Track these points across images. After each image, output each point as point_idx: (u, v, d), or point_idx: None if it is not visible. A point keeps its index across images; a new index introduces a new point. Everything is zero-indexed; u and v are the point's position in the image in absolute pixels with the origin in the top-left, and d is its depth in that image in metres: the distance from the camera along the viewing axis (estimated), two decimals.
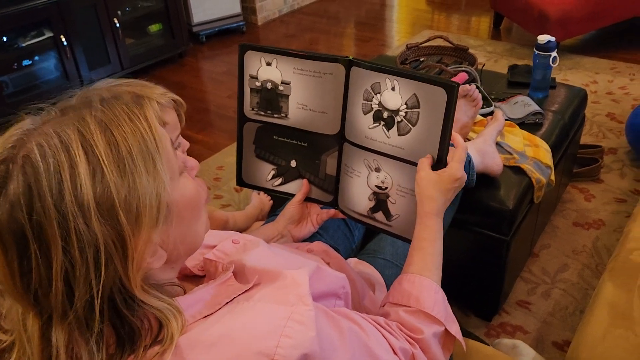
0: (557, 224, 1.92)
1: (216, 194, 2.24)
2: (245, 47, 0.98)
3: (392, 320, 0.78)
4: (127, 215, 0.53)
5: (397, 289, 0.82)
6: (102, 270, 0.52)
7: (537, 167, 1.50)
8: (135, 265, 0.54)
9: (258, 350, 0.56)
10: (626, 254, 1.23)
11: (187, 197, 0.62)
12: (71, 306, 0.53)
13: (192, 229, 0.64)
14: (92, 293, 0.53)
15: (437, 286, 0.82)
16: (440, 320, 0.78)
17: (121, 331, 0.56)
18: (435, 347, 0.77)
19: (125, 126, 0.55)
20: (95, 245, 0.52)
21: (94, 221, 0.52)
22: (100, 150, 0.53)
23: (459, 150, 0.89)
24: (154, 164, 0.56)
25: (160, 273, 0.62)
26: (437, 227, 0.86)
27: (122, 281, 0.54)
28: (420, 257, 0.84)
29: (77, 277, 0.52)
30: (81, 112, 0.56)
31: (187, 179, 0.63)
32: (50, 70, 2.88)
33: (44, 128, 0.54)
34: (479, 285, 1.57)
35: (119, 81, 0.62)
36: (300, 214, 1.07)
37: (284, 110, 1.00)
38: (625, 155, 2.24)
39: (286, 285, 0.63)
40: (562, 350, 1.49)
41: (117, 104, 0.57)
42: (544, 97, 1.79)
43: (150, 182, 0.55)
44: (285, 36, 3.83)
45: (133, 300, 0.56)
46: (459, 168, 0.87)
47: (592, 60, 3.05)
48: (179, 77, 3.30)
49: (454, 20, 3.94)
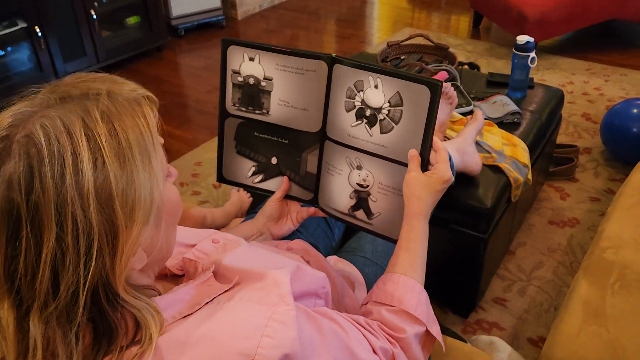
0: (533, 222, 1.95)
1: (194, 190, 2.21)
2: (228, 41, 0.97)
3: (374, 319, 0.78)
4: (123, 207, 0.53)
5: (381, 288, 0.82)
6: (92, 262, 0.52)
7: (515, 166, 1.51)
8: (123, 260, 0.54)
9: (239, 351, 0.56)
10: (600, 252, 1.25)
11: (172, 201, 0.63)
12: (55, 296, 0.52)
13: (169, 237, 0.64)
14: (78, 284, 0.52)
15: (421, 287, 0.82)
16: (422, 320, 0.78)
17: (99, 327, 0.55)
18: (416, 347, 0.77)
19: (126, 120, 0.56)
20: (90, 235, 0.51)
21: (92, 209, 0.51)
22: (102, 140, 0.53)
23: (441, 152, 0.89)
24: (150, 160, 0.56)
25: (138, 278, 0.62)
26: (424, 229, 0.87)
27: (107, 276, 0.54)
28: (405, 258, 0.84)
29: (65, 267, 0.51)
30: (84, 102, 0.55)
31: (171, 184, 0.63)
32: (24, 61, 2.81)
33: (47, 112, 0.54)
34: (457, 283, 1.58)
35: (89, 76, 0.61)
36: (279, 212, 1.06)
37: (265, 107, 0.99)
38: (599, 155, 2.29)
39: (267, 285, 0.63)
40: (537, 347, 1.52)
41: (119, 99, 0.57)
42: (522, 97, 1.82)
43: (145, 177, 0.55)
44: (265, 31, 3.81)
45: (115, 298, 0.55)
46: (447, 169, 0.87)
47: (569, 61, 3.10)
48: (157, 71, 3.25)
49: (434, 19, 3.97)
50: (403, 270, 0.82)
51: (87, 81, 0.60)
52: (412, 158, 0.88)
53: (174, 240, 0.67)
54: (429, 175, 0.87)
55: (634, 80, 2.87)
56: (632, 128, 2.08)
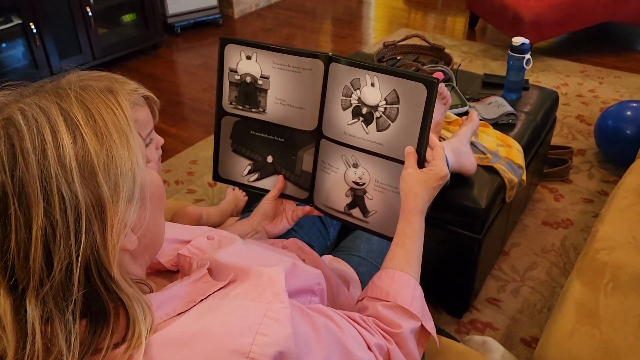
0: (527, 223, 1.96)
1: (189, 188, 2.21)
2: (225, 40, 0.97)
3: (370, 314, 0.79)
4: (107, 181, 0.54)
5: (376, 283, 0.82)
6: (82, 235, 0.52)
7: (510, 167, 1.52)
8: (113, 234, 0.55)
9: (233, 348, 0.55)
10: (593, 254, 1.26)
11: (155, 184, 0.63)
12: (49, 274, 0.52)
13: (157, 221, 0.65)
14: (71, 259, 0.52)
15: (416, 282, 0.82)
16: (418, 316, 0.78)
17: (94, 308, 0.55)
18: (411, 343, 0.77)
19: (100, 103, 0.57)
20: (77, 207, 0.52)
21: (76, 182, 0.52)
22: (78, 119, 0.55)
23: (438, 148, 0.90)
24: (127, 139, 0.57)
25: (129, 265, 0.62)
26: (420, 225, 0.87)
27: (99, 252, 0.54)
28: (401, 253, 0.84)
29: (57, 241, 0.52)
30: (58, 91, 0.57)
31: (153, 171, 0.64)
32: (18, 58, 2.80)
33: (23, 100, 0.55)
34: (451, 283, 1.59)
35: (91, 74, 0.62)
36: (275, 210, 1.06)
37: (262, 105, 0.99)
38: (593, 157, 2.30)
39: (262, 283, 0.63)
40: (530, 347, 1.52)
41: (92, 89, 0.59)
42: (517, 98, 1.82)
43: (125, 155, 0.56)
44: (261, 30, 3.80)
45: (109, 278, 0.55)
46: (443, 166, 0.88)
47: (564, 63, 3.12)
48: (153, 69, 3.24)
49: (430, 20, 3.98)
50: (399, 266, 0.83)
51: (89, 79, 0.61)
52: (408, 155, 0.89)
53: (163, 228, 0.67)
54: (425, 171, 0.88)
55: (627, 83, 2.89)
56: (626, 130, 2.09)
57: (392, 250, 0.86)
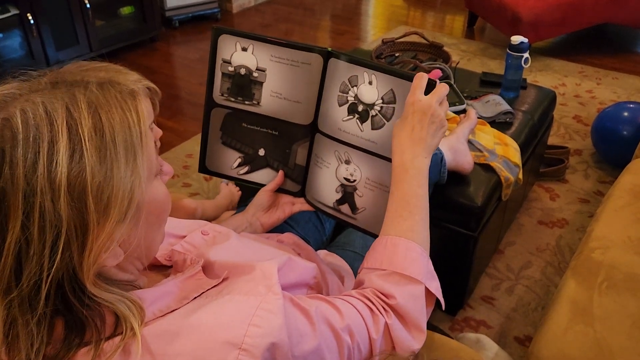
0: (523, 221, 1.96)
1: (185, 182, 2.20)
2: (219, 30, 0.96)
3: (366, 287, 0.76)
4: (97, 203, 0.51)
5: (370, 253, 0.79)
6: (58, 255, 0.50)
7: (506, 166, 1.52)
8: (92, 257, 0.52)
9: (225, 340, 0.55)
10: (588, 253, 1.26)
11: (157, 201, 0.60)
12: (17, 284, 0.50)
13: (152, 236, 0.62)
14: (41, 275, 0.50)
15: (412, 243, 0.77)
16: (417, 278, 0.75)
17: (69, 320, 0.54)
18: (413, 310, 0.73)
19: (115, 114, 0.53)
20: (57, 227, 0.50)
21: (62, 202, 0.49)
22: (84, 131, 0.51)
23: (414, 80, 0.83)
24: (135, 157, 0.54)
25: (113, 274, 0.60)
26: (413, 180, 0.79)
27: (74, 270, 0.52)
28: (393, 216, 0.80)
29: (29, 256, 0.50)
30: (73, 89, 0.53)
31: (161, 184, 0.61)
32: (15, 48, 2.78)
33: (32, 96, 0.52)
34: (445, 280, 1.57)
35: (92, 64, 0.60)
36: (270, 202, 1.05)
37: (256, 98, 0.99)
38: (590, 157, 2.30)
39: (255, 278, 0.63)
40: (523, 345, 1.53)
41: (112, 90, 0.55)
42: (514, 97, 1.82)
43: (127, 174, 0.53)
44: (260, 25, 3.79)
45: (83, 292, 0.53)
46: (419, 95, 0.81)
47: (562, 63, 3.12)
48: (150, 62, 3.23)
49: (429, 18, 3.97)
50: (391, 231, 0.79)
51: (89, 69, 0.58)
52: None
53: (157, 241, 0.65)
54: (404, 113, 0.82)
55: (625, 84, 2.89)
56: (623, 131, 2.10)
57: (386, 214, 0.82)
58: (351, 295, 0.73)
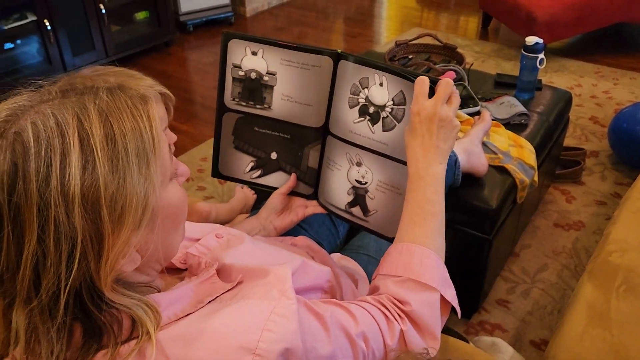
0: (538, 224, 1.94)
1: (199, 186, 2.22)
2: (229, 35, 0.96)
3: (381, 293, 0.76)
4: (111, 213, 0.51)
5: (385, 259, 0.79)
6: (74, 265, 0.51)
7: (521, 168, 1.51)
8: (108, 264, 0.53)
9: (239, 345, 0.55)
10: (605, 256, 1.25)
11: (173, 205, 0.60)
12: (36, 294, 0.51)
13: (170, 239, 0.63)
14: (59, 286, 0.51)
15: (428, 250, 0.77)
16: (432, 285, 0.74)
17: (87, 326, 0.54)
18: (428, 316, 0.73)
19: (126, 121, 0.53)
20: (72, 239, 0.50)
21: (76, 213, 0.50)
22: (96, 141, 0.51)
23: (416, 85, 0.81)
24: (148, 164, 0.54)
25: (131, 277, 0.60)
26: (427, 188, 0.78)
27: (92, 278, 0.52)
28: (409, 224, 0.79)
29: (47, 268, 0.50)
30: (83, 97, 0.53)
31: (176, 186, 0.62)
32: (33, 54, 2.82)
33: (42, 107, 0.52)
34: (460, 283, 1.56)
35: (106, 69, 0.60)
36: (283, 205, 1.06)
37: (267, 101, 0.99)
38: (606, 159, 2.27)
39: (269, 282, 0.63)
40: (539, 349, 1.51)
41: (122, 95, 0.55)
42: (529, 98, 1.81)
43: (140, 182, 0.53)
44: (273, 29, 3.81)
45: (101, 299, 0.54)
46: (424, 101, 0.79)
47: (578, 63, 3.09)
48: (165, 67, 3.26)
49: (443, 19, 3.96)
50: (406, 238, 0.78)
51: (103, 74, 0.58)
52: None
53: (176, 242, 0.65)
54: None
55: None
56: None
57: (400, 222, 0.82)
58: (366, 301, 0.73)
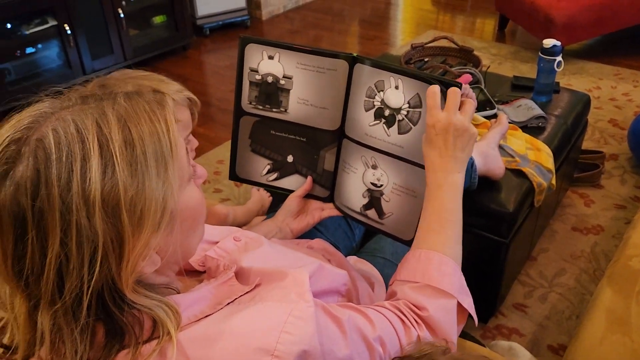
0: (556, 228, 1.92)
1: (216, 188, 2.23)
2: (246, 39, 0.98)
3: (398, 298, 0.76)
4: (130, 216, 0.53)
5: (403, 265, 0.80)
6: (96, 268, 0.52)
7: (539, 171, 1.50)
8: (129, 266, 0.54)
9: (258, 346, 0.56)
10: (625, 260, 1.23)
11: (191, 207, 0.62)
12: (60, 296, 0.53)
13: (188, 240, 0.64)
14: (82, 288, 0.52)
15: (446, 257, 0.78)
16: (450, 292, 0.75)
17: (109, 327, 0.56)
18: (445, 323, 0.74)
19: (144, 126, 0.55)
20: (94, 242, 0.51)
21: (97, 217, 0.51)
22: (115, 146, 0.52)
23: (429, 95, 0.81)
24: (166, 168, 0.55)
25: (151, 278, 0.62)
26: (445, 197, 0.80)
27: (113, 280, 0.54)
28: (426, 230, 0.81)
29: (70, 271, 0.52)
30: (102, 103, 0.55)
31: (194, 188, 0.63)
32: (53, 58, 2.87)
33: (62, 114, 0.54)
34: (477, 287, 1.56)
35: (137, 73, 0.62)
36: (299, 207, 1.06)
37: (283, 105, 1.00)
38: (626, 162, 2.24)
39: (286, 285, 0.64)
40: (557, 354, 1.49)
41: (140, 100, 0.56)
42: (547, 101, 1.79)
43: (159, 185, 0.54)
44: (289, 32, 3.82)
45: (122, 300, 0.55)
46: (435, 114, 0.79)
47: (596, 65, 3.05)
48: (182, 70, 3.29)
49: (459, 22, 3.94)
50: (425, 244, 0.80)
51: (134, 78, 0.60)
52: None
53: (195, 243, 0.66)
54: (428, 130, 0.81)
55: None
56: None
57: (418, 229, 0.83)
58: (383, 306, 0.74)
